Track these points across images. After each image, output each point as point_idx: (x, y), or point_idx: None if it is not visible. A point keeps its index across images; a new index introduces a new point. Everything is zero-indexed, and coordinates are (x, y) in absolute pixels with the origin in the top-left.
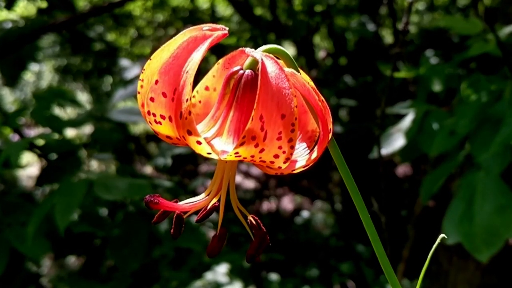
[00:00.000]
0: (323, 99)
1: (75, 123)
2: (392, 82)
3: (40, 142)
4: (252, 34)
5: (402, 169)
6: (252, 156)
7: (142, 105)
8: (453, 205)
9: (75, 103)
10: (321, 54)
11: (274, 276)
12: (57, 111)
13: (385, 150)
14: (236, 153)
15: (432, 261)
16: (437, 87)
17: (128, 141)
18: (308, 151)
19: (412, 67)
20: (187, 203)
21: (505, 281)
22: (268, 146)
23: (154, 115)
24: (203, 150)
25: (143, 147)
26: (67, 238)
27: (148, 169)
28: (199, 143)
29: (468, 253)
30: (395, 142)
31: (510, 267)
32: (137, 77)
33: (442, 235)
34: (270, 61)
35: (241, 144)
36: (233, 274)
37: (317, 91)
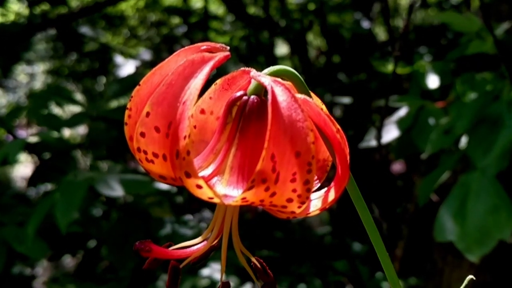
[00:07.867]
0: (339, 128)
1: (72, 122)
2: (394, 78)
3: (34, 141)
4: (245, 33)
5: (396, 167)
6: (262, 201)
7: (131, 139)
8: (447, 203)
9: (73, 101)
10: (314, 52)
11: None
12: (55, 110)
13: (375, 142)
14: (244, 198)
15: (427, 259)
16: (433, 84)
17: (123, 140)
18: (319, 184)
19: (405, 63)
20: (183, 248)
21: (499, 280)
22: (280, 189)
23: (145, 152)
24: (203, 194)
25: None
26: (62, 239)
27: (141, 168)
28: (199, 187)
29: None
30: (389, 133)
31: (505, 266)
32: (131, 75)
33: (470, 277)
34: (281, 87)
35: (250, 188)
36: (229, 271)
37: (333, 119)
